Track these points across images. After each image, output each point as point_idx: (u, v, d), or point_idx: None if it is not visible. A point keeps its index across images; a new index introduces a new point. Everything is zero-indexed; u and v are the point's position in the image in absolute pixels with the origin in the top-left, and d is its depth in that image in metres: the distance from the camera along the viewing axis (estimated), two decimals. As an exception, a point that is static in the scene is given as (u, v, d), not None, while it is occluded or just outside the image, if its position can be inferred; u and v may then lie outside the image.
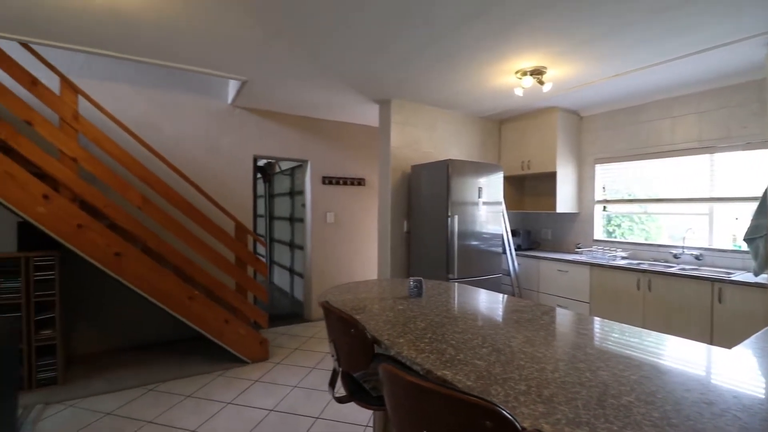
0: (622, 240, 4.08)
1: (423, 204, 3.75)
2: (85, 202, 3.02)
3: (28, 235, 2.96)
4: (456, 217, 3.44)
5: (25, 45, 2.88)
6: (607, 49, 2.69)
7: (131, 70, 3.76)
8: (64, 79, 3.00)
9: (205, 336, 3.31)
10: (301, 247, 5.31)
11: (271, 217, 7.38)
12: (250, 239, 3.95)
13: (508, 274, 4.12)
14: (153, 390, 2.94)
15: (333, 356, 1.55)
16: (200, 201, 3.83)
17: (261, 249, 7.14)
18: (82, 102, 3.19)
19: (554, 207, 4.20)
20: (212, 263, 3.41)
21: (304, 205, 5.00)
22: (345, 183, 5.02)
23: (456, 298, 2.00)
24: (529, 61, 2.91)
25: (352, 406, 2.66)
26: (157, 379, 3.10)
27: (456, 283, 2.40)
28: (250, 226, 4.40)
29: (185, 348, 3.80)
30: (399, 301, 1.90)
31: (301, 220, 5.28)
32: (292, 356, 3.63)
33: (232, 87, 3.99)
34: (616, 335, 1.43)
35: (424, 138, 4.09)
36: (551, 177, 4.24)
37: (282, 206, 6.69)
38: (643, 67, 2.99)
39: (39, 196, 2.67)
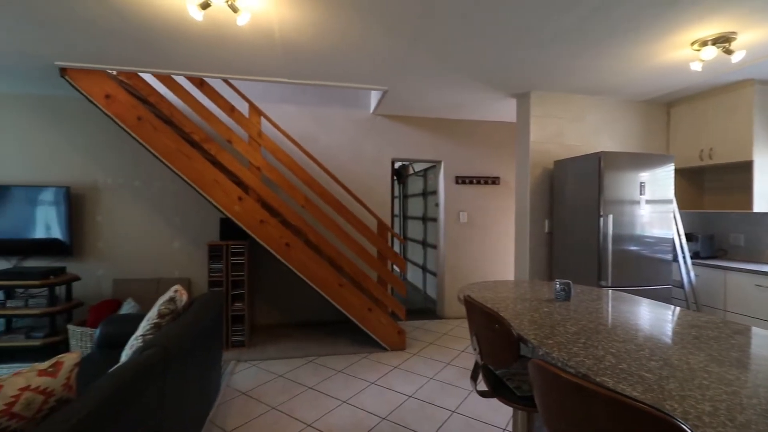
0: None
1: (568, 203, 3.44)
2: (265, 202, 3.72)
3: (227, 228, 3.80)
4: (610, 217, 3.06)
5: (225, 81, 3.71)
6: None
7: (296, 92, 4.47)
8: (252, 105, 3.76)
9: (350, 320, 3.72)
10: (434, 246, 5.45)
11: (404, 217, 7.77)
12: (389, 236, 4.26)
13: (681, 287, 3.46)
14: (312, 362, 3.45)
15: (475, 349, 1.58)
16: (348, 200, 4.31)
17: (397, 247, 7.57)
18: (263, 121, 3.95)
19: (749, 205, 3.34)
20: (358, 256, 3.81)
21: (437, 205, 5.13)
22: (478, 182, 4.96)
23: (612, 306, 1.80)
24: (711, 28, 2.39)
25: (489, 406, 2.64)
26: (315, 353, 3.62)
27: (610, 291, 2.15)
28: (388, 224, 4.74)
29: (334, 329, 4.32)
30: (543, 303, 1.82)
31: (434, 220, 5.42)
32: (427, 350, 3.77)
33: (374, 97, 4.36)
34: None
35: (569, 130, 3.75)
36: (745, 168, 3.38)
37: (415, 206, 6.97)
38: None
39: (236, 198, 3.41)
